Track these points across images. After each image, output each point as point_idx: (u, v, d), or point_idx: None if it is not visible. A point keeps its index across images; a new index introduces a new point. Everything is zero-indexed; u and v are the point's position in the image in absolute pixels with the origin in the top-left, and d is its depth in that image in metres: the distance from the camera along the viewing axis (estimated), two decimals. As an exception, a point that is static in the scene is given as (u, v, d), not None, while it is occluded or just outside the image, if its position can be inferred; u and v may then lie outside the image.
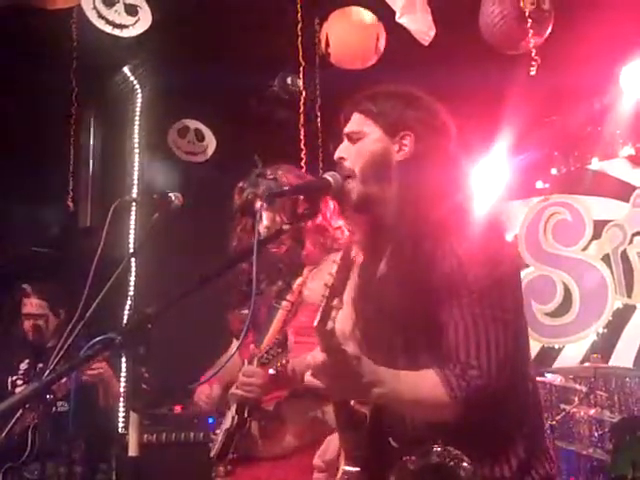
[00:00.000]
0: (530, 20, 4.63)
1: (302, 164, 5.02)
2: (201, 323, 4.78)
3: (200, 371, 3.17)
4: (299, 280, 3.00)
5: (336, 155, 2.19)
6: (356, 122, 2.19)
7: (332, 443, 2.19)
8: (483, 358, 1.90)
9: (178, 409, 5.20)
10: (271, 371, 2.77)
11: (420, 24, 4.96)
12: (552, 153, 6.93)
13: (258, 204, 3.03)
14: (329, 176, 2.25)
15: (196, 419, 4.96)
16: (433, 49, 5.09)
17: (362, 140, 2.16)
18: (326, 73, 5.52)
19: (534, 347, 6.52)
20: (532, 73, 4.73)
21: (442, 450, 1.84)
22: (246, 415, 2.90)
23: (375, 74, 5.32)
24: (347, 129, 2.20)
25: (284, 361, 2.74)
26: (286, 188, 2.56)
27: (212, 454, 3.01)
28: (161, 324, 1.92)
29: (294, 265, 3.03)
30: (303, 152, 5.07)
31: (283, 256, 3.03)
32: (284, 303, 3.00)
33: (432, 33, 5.03)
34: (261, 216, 2.99)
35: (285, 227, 2.42)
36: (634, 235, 6.60)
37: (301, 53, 5.14)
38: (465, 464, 1.82)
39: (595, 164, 6.84)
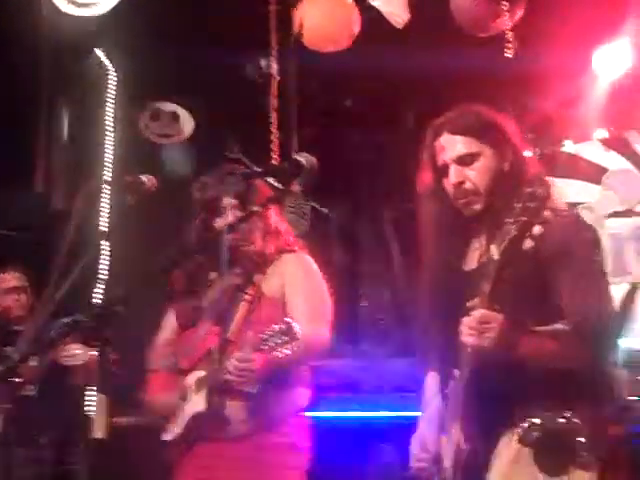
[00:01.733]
0: (503, 1, 4.64)
1: (274, 147, 5.00)
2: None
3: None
4: (257, 276, 3.12)
5: (454, 181, 2.42)
6: (464, 145, 2.43)
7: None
8: (594, 307, 2.25)
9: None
10: (275, 356, 2.78)
11: (394, 7, 4.96)
12: (525, 135, 6.94)
13: (227, 201, 3.08)
14: (301, 158, 2.26)
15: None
16: (407, 32, 5.08)
17: (477, 161, 2.42)
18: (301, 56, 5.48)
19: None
20: (508, 55, 4.74)
21: (568, 419, 2.03)
22: (218, 398, 2.94)
23: (348, 57, 5.31)
24: (457, 152, 2.43)
25: (287, 349, 2.74)
26: (258, 170, 2.58)
27: (169, 437, 3.06)
28: (135, 307, 1.91)
29: (258, 261, 3.14)
30: (275, 135, 5.05)
31: (248, 253, 3.14)
32: (246, 296, 3.10)
33: (406, 16, 5.02)
34: (225, 212, 3.07)
35: (255, 209, 2.46)
36: (604, 217, 6.63)
37: (274, 36, 5.11)
38: (582, 438, 2.02)
39: (569, 147, 6.86)
